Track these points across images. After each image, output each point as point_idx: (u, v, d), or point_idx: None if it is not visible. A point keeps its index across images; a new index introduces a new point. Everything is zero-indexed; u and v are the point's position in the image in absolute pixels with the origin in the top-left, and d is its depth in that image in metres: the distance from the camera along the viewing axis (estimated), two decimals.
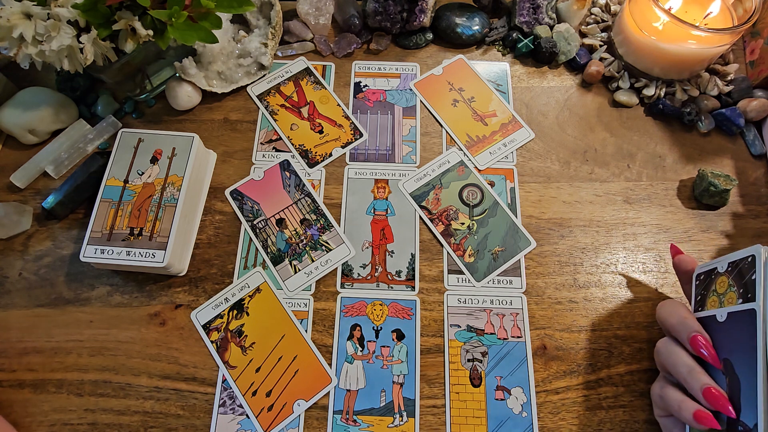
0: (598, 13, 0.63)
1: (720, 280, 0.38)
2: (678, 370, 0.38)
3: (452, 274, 0.50)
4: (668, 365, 0.39)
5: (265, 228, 0.52)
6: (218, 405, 0.45)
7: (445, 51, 0.62)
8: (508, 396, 0.45)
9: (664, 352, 0.39)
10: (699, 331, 0.37)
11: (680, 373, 0.37)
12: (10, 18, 0.44)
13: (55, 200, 0.51)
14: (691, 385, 0.36)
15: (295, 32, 0.61)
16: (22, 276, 0.50)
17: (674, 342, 0.39)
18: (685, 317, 0.38)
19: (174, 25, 0.46)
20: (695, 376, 0.36)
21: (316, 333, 0.48)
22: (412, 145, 0.57)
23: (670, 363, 0.38)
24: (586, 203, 0.54)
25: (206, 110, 0.58)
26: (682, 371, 0.37)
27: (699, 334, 0.37)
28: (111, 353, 0.47)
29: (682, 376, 0.37)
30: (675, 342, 0.39)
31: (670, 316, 0.39)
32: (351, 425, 0.44)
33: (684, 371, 0.37)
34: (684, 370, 0.37)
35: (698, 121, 0.57)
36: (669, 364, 0.39)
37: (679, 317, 0.39)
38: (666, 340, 0.40)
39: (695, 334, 0.37)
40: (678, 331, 0.38)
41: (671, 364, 0.38)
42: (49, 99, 0.54)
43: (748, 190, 0.54)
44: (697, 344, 0.37)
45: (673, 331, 0.39)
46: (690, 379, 0.36)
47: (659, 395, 0.40)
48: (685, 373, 0.37)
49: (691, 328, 0.38)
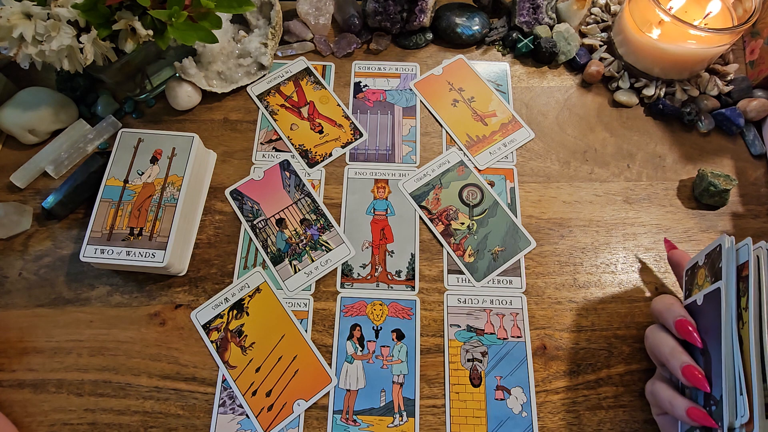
0: (598, 13, 0.63)
1: (700, 272, 0.41)
2: (661, 351, 0.39)
3: (452, 274, 0.50)
4: (653, 348, 0.41)
5: (265, 228, 0.52)
6: (218, 405, 0.45)
7: (445, 51, 0.62)
8: (508, 396, 0.45)
9: (650, 336, 0.41)
10: (684, 316, 0.39)
11: (663, 354, 0.39)
12: (10, 18, 0.44)
13: (55, 200, 0.51)
14: (672, 365, 0.38)
15: (295, 32, 0.61)
16: (22, 276, 0.50)
17: (661, 328, 0.41)
18: (672, 303, 0.40)
19: (174, 25, 0.47)
20: (676, 356, 0.38)
21: (316, 333, 0.48)
22: (412, 145, 0.57)
23: (655, 345, 0.40)
24: (586, 203, 0.54)
25: (206, 110, 0.58)
26: (664, 351, 0.39)
27: (683, 318, 0.39)
28: (111, 353, 0.47)
29: (665, 356, 0.39)
30: (662, 328, 0.41)
31: (658, 303, 0.41)
32: (351, 425, 0.44)
33: (666, 351, 0.39)
34: (666, 350, 0.39)
35: (698, 121, 0.57)
36: (654, 347, 0.40)
37: (666, 304, 0.41)
38: (654, 327, 0.42)
39: (680, 318, 0.39)
40: (665, 317, 0.40)
41: (656, 346, 0.40)
42: (49, 99, 0.54)
43: (748, 190, 0.54)
44: (681, 327, 0.38)
45: (660, 317, 0.41)
46: (671, 359, 0.38)
47: (650, 392, 0.41)
48: (667, 353, 0.39)
49: (676, 312, 0.39)
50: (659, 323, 0.42)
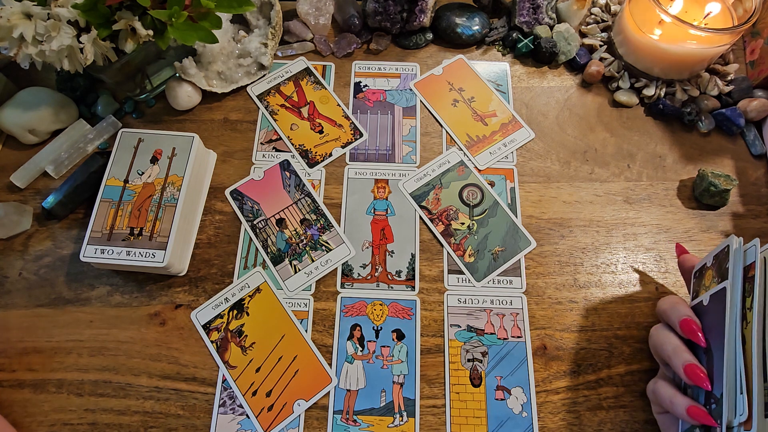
0: (598, 13, 0.63)
1: (708, 273, 0.41)
2: (664, 349, 0.39)
3: (452, 274, 0.50)
4: (657, 346, 0.41)
5: (265, 228, 0.52)
6: (218, 405, 0.45)
7: (445, 51, 0.62)
8: (508, 396, 0.45)
9: (654, 335, 0.42)
10: (689, 315, 0.39)
11: (666, 352, 0.39)
12: (10, 18, 0.44)
13: (55, 200, 0.50)
14: (675, 363, 0.38)
15: (295, 32, 0.61)
16: (22, 276, 0.50)
17: (665, 327, 0.41)
18: (677, 303, 0.41)
19: (174, 25, 0.46)
20: (678, 354, 0.38)
21: (316, 333, 0.48)
22: (412, 145, 0.57)
23: (659, 344, 0.40)
24: (586, 203, 0.54)
25: (206, 110, 0.58)
26: (667, 350, 0.39)
27: (688, 317, 0.39)
28: (111, 353, 0.47)
29: (668, 355, 0.39)
30: (666, 327, 0.41)
31: (663, 303, 0.42)
32: (351, 425, 0.44)
33: (669, 349, 0.39)
34: (669, 348, 0.39)
35: (698, 121, 0.57)
36: (657, 345, 0.41)
37: (671, 303, 0.41)
38: (658, 326, 0.42)
39: (685, 317, 0.39)
40: (670, 316, 0.40)
41: (660, 344, 0.40)
42: (49, 99, 0.54)
43: (748, 190, 0.54)
44: (686, 326, 0.38)
45: (665, 316, 0.41)
46: (674, 357, 0.38)
47: (652, 390, 0.41)
48: (670, 351, 0.39)
49: (681, 312, 0.39)
50: (664, 323, 0.42)
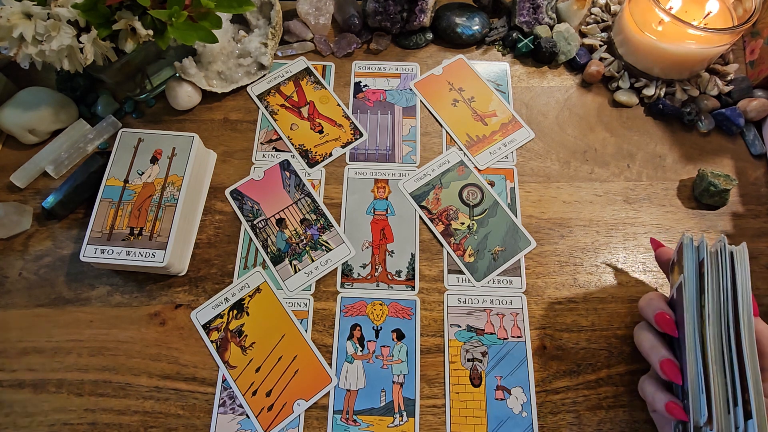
0: (598, 13, 0.63)
1: (675, 269, 0.42)
2: (643, 346, 0.41)
3: (452, 274, 0.50)
4: (638, 344, 0.42)
5: (265, 228, 0.52)
6: (218, 405, 0.45)
7: (445, 51, 0.62)
8: (508, 396, 0.45)
9: (636, 333, 0.43)
10: (662, 308, 0.40)
11: (644, 348, 0.40)
12: (10, 18, 0.44)
13: (55, 200, 0.50)
14: (653, 360, 0.39)
15: (295, 32, 0.61)
16: (22, 276, 0.50)
17: (645, 325, 0.42)
18: (652, 298, 0.41)
19: (174, 25, 0.47)
20: (656, 350, 0.39)
21: (316, 333, 0.48)
22: (412, 145, 0.57)
23: (638, 342, 0.42)
24: (586, 203, 0.54)
25: (206, 110, 0.58)
26: (646, 346, 0.40)
27: (662, 310, 0.39)
28: (111, 353, 0.47)
29: (646, 351, 0.40)
30: (646, 325, 0.42)
31: (642, 300, 0.43)
32: (351, 425, 0.44)
33: (647, 346, 0.40)
34: (647, 345, 0.40)
35: (698, 121, 0.57)
36: (638, 343, 0.42)
37: (647, 299, 0.42)
38: (639, 324, 0.43)
39: (659, 311, 0.40)
40: (646, 312, 0.41)
41: (639, 342, 0.41)
42: (49, 99, 0.54)
43: (748, 190, 0.54)
44: (660, 319, 0.39)
45: (642, 313, 0.42)
46: (651, 354, 0.39)
47: (640, 388, 0.42)
48: (648, 348, 0.40)
49: (655, 306, 0.40)
50: (644, 320, 0.43)
